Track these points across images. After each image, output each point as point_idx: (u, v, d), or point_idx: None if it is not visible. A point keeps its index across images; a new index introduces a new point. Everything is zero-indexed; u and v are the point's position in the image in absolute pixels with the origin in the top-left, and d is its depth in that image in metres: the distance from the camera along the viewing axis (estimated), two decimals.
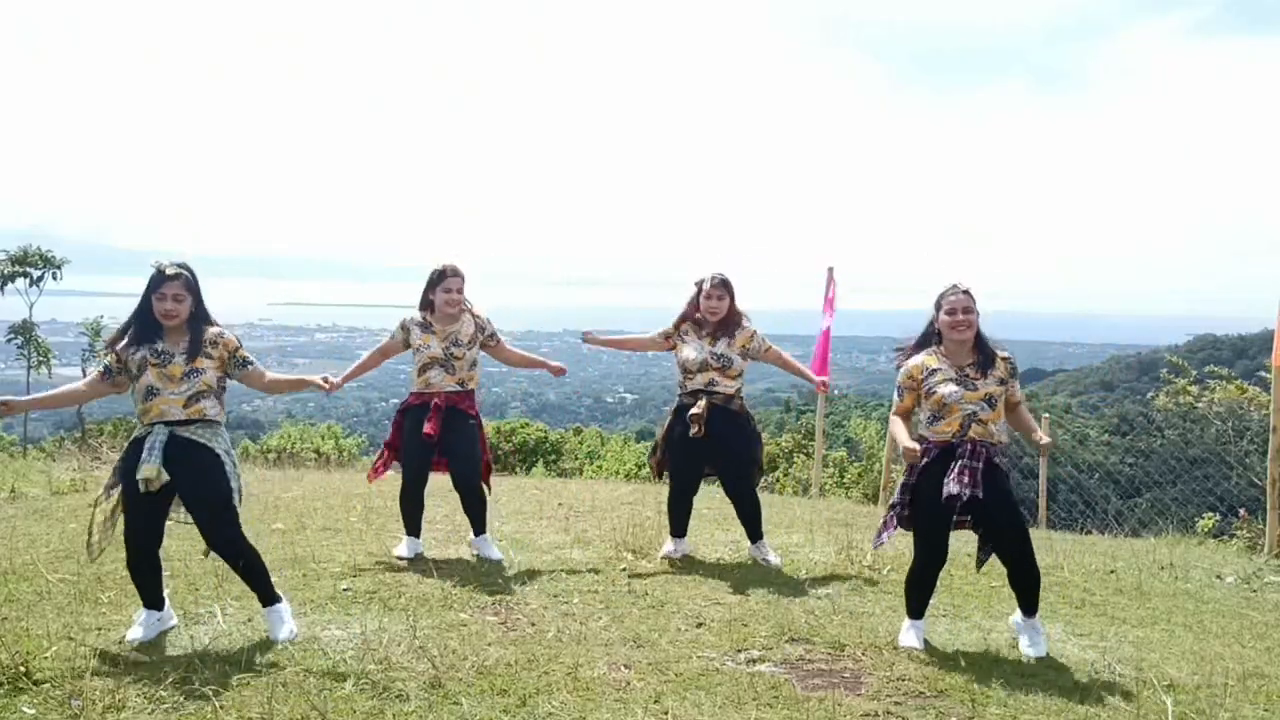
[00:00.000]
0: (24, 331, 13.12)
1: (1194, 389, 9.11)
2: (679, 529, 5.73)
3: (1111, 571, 5.89)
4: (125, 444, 4.13)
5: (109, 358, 4.06)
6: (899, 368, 4.39)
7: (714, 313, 5.46)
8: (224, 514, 4.04)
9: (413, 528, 5.56)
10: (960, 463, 4.12)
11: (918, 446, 4.20)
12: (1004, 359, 4.27)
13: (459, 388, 5.41)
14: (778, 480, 11.44)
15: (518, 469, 12.67)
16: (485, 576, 5.16)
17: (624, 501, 7.66)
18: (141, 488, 3.89)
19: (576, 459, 13.80)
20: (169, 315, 3.97)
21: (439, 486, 8.11)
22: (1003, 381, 4.23)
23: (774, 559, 5.68)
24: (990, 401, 4.18)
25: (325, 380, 4.34)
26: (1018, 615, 4.36)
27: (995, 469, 4.19)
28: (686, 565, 5.56)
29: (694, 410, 5.38)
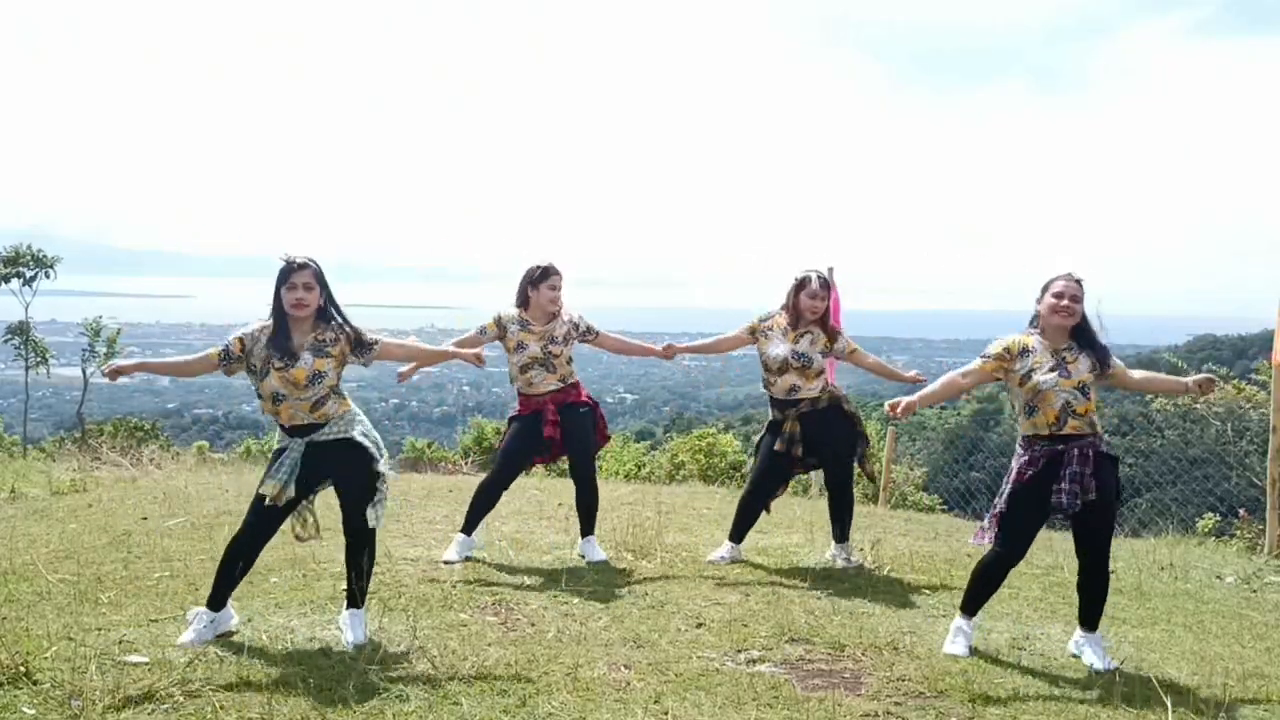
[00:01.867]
0: (20, 332, 13.10)
1: None
2: (740, 534, 5.71)
3: (1111, 572, 5.88)
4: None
5: (234, 342, 4.03)
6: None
7: (814, 311, 5.43)
8: (368, 509, 4.11)
9: (470, 525, 5.54)
10: (1070, 470, 4.07)
11: (915, 402, 4.17)
12: (1106, 350, 4.21)
13: (560, 384, 5.45)
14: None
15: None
16: (485, 576, 5.17)
17: (624, 501, 7.66)
18: (266, 501, 3.99)
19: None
20: (300, 305, 3.96)
21: (440, 486, 8.12)
22: (1094, 367, 4.14)
23: (855, 560, 5.66)
24: (1084, 390, 4.08)
25: (479, 358, 4.50)
26: (1077, 634, 4.31)
27: (1104, 463, 4.13)
28: (686, 565, 5.56)
29: (779, 444, 5.45)
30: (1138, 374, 4.36)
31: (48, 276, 13.21)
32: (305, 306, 3.98)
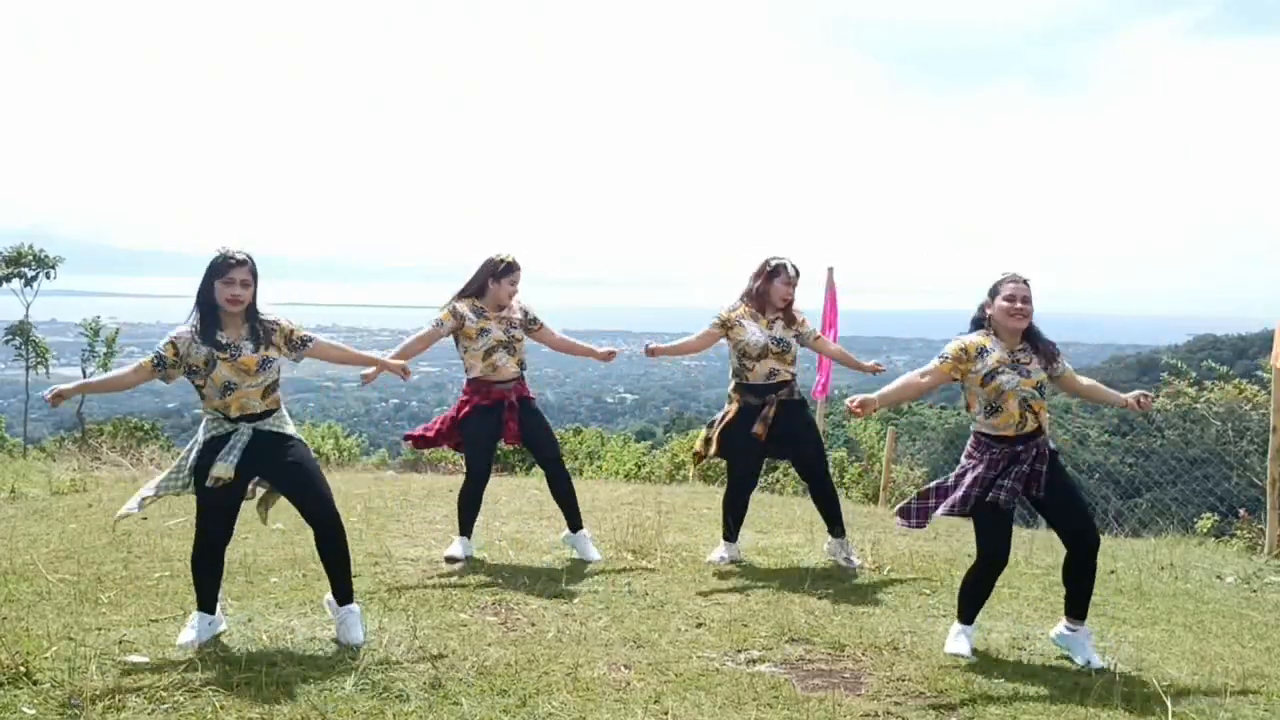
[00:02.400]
0: (21, 332, 13.10)
1: (1192, 390, 9.12)
2: (733, 532, 5.67)
3: (1111, 572, 5.89)
4: (195, 442, 4.09)
5: (165, 348, 3.98)
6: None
7: (786, 299, 5.45)
8: (325, 491, 4.10)
9: (466, 529, 5.56)
10: (1018, 469, 4.10)
11: (875, 401, 4.17)
12: (1057, 351, 4.25)
13: (520, 370, 5.48)
14: (777, 480, 11.45)
15: (518, 469, 12.68)
16: (485, 576, 5.17)
17: (624, 501, 7.66)
18: (210, 483, 3.93)
19: (576, 459, 13.80)
20: (235, 300, 3.94)
21: (440, 486, 8.11)
22: (1045, 366, 4.19)
23: (855, 560, 5.65)
24: (1041, 390, 4.14)
25: (404, 370, 4.56)
26: (1064, 628, 4.27)
27: (1054, 462, 4.18)
28: (686, 565, 5.56)
29: (758, 426, 5.40)
30: (1085, 381, 4.40)
31: (49, 277, 13.21)
32: (240, 302, 3.97)
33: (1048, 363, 4.22)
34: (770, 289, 5.44)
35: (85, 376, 13.37)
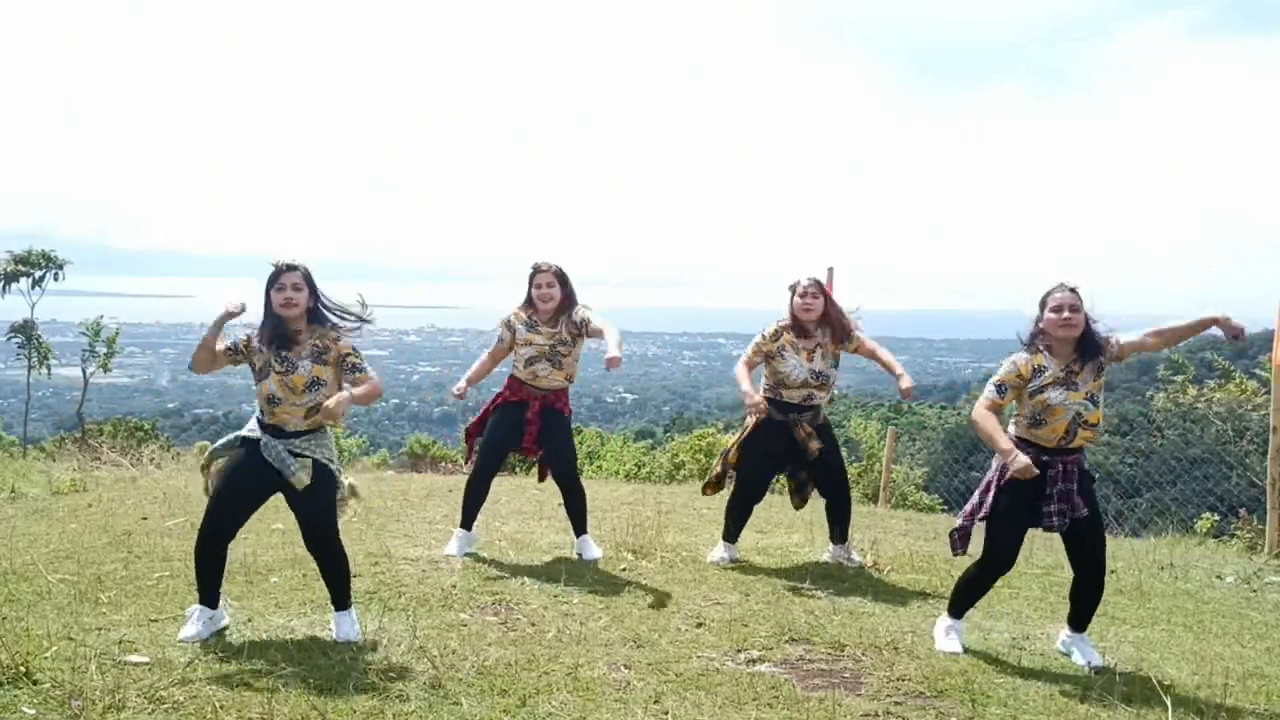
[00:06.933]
0: (25, 331, 13.12)
1: (1193, 389, 9.11)
2: (734, 534, 5.72)
3: (1111, 571, 5.87)
4: (227, 436, 4.21)
5: (241, 338, 4.06)
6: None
7: (809, 310, 5.41)
8: (326, 515, 4.11)
9: (468, 520, 5.60)
10: (1058, 489, 4.04)
11: (1017, 454, 4.02)
12: (1105, 341, 4.11)
13: (564, 383, 5.49)
14: (777, 480, 11.46)
15: (518, 469, 12.69)
16: (485, 576, 5.17)
17: (624, 501, 7.66)
18: (300, 489, 4.01)
19: (576, 459, 13.83)
20: (288, 304, 3.98)
21: (440, 486, 8.11)
22: (1101, 368, 4.09)
23: (856, 559, 5.69)
24: (1093, 399, 4.05)
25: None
26: (1065, 633, 4.31)
27: (1085, 478, 4.12)
28: (686, 565, 5.56)
29: (813, 443, 5.42)
30: (1135, 338, 4.14)
31: (57, 278, 13.25)
32: (294, 306, 4.00)
33: (1097, 370, 4.09)
34: (793, 307, 5.45)
35: (86, 377, 13.39)
